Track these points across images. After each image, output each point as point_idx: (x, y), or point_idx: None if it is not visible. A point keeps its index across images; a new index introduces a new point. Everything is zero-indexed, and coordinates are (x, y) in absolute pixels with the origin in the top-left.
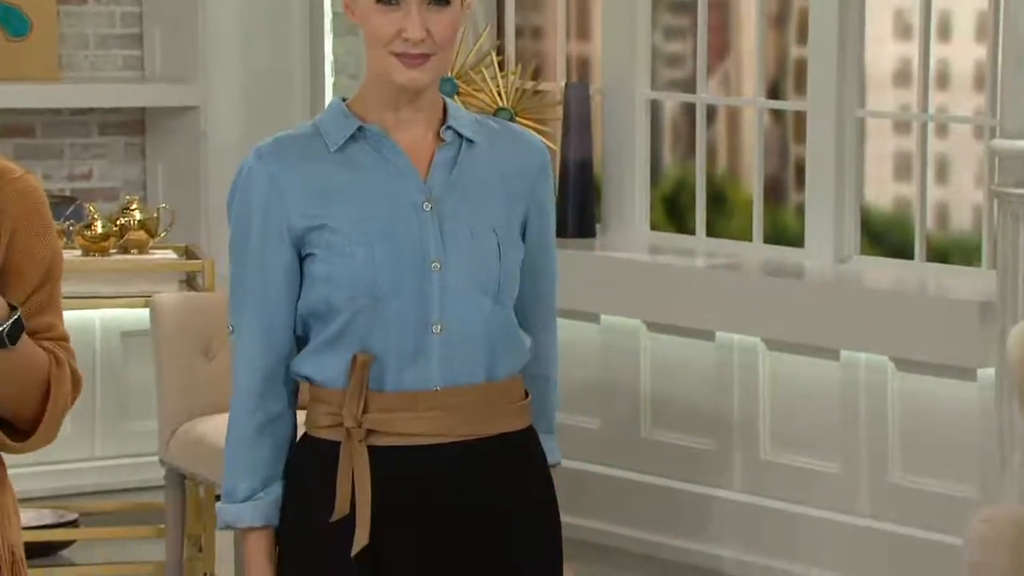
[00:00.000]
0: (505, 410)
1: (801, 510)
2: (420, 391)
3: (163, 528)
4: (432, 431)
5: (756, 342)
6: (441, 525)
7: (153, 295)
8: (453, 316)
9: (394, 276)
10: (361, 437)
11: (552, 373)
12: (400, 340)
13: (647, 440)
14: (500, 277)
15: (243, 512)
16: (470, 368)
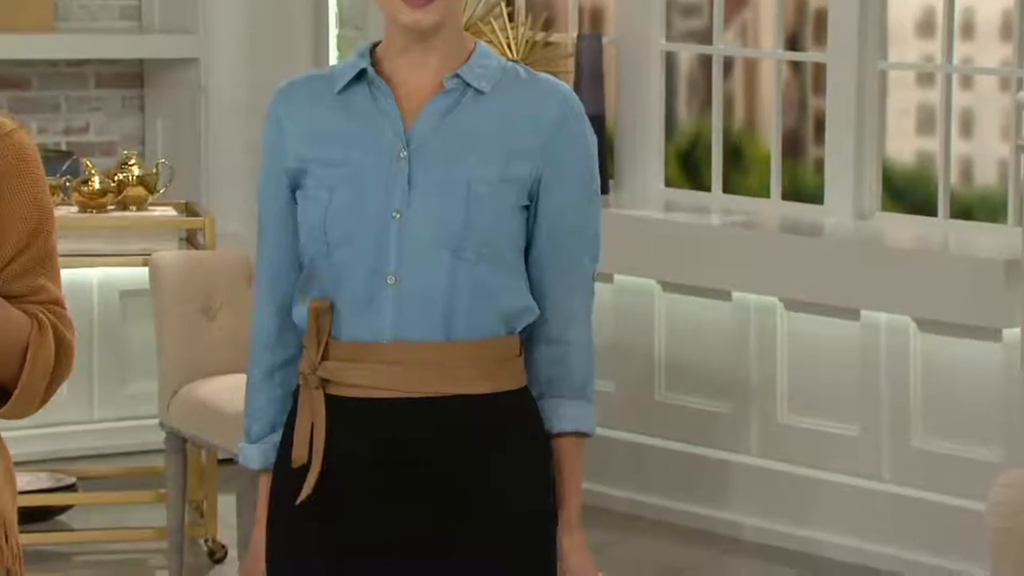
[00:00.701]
0: (467, 372)
1: (820, 475)
2: (371, 343)
3: (164, 493)
4: (380, 384)
5: (774, 302)
6: (390, 481)
7: (152, 253)
8: (409, 268)
9: (350, 223)
10: (316, 385)
11: (574, 336)
12: (353, 289)
13: (662, 404)
14: (465, 232)
15: (252, 453)
16: (425, 324)
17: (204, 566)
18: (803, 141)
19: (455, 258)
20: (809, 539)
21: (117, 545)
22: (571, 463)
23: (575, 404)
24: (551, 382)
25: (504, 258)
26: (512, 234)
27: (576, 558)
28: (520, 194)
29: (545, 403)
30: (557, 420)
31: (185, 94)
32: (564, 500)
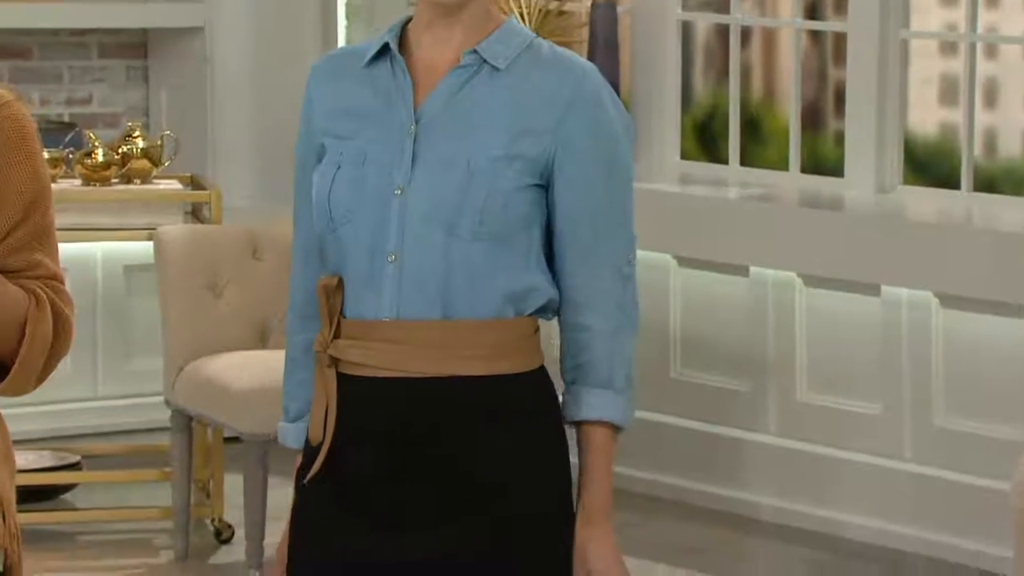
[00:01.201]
0: (468, 353)
1: (840, 454)
2: (373, 321)
3: (169, 472)
4: (380, 363)
5: (792, 277)
6: (394, 462)
7: (157, 227)
8: (408, 246)
9: (352, 200)
10: (328, 363)
11: (596, 322)
12: (357, 267)
13: (677, 381)
14: (460, 209)
15: (289, 433)
16: (424, 303)
17: (210, 546)
18: (823, 112)
19: (449, 236)
20: (829, 520)
21: (121, 525)
22: (593, 453)
23: (600, 393)
24: (577, 369)
25: (507, 238)
26: (519, 214)
27: (595, 549)
28: (527, 173)
29: (572, 390)
30: (581, 408)
31: (190, 64)
32: (588, 491)
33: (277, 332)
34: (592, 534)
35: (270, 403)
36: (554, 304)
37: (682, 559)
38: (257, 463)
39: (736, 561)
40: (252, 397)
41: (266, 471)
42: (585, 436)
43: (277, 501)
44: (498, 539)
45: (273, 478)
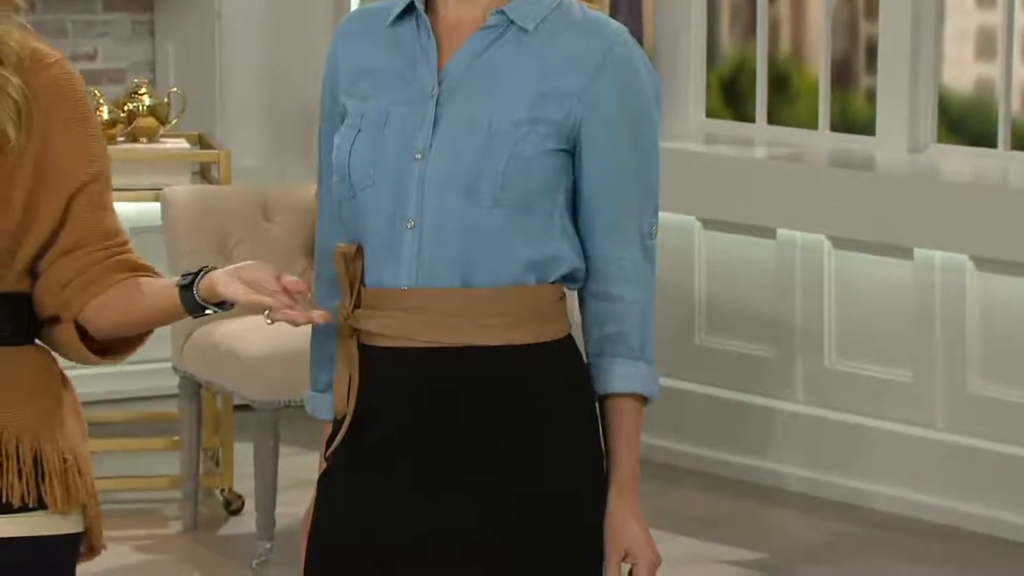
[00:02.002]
0: (490, 322)
1: (869, 423)
2: (392, 289)
3: (177, 440)
4: (399, 333)
5: (821, 240)
6: (415, 434)
7: (164, 188)
8: (428, 212)
9: (372, 164)
10: (349, 333)
11: (627, 293)
12: (376, 232)
13: (702, 347)
14: (479, 174)
15: (319, 404)
16: (443, 270)
17: (219, 517)
18: (853, 69)
19: (469, 202)
20: (858, 491)
21: (128, 494)
22: (625, 426)
23: (631, 364)
24: (605, 340)
25: (529, 204)
26: (542, 179)
27: (631, 527)
28: (552, 137)
29: (600, 362)
30: (612, 380)
31: (198, 18)
32: (615, 464)
33: None
34: (625, 510)
35: (281, 369)
36: (580, 273)
37: (704, 531)
38: (268, 431)
39: (761, 533)
40: (263, 363)
41: (277, 439)
42: (615, 409)
43: (288, 470)
44: (523, 515)
45: (284, 447)
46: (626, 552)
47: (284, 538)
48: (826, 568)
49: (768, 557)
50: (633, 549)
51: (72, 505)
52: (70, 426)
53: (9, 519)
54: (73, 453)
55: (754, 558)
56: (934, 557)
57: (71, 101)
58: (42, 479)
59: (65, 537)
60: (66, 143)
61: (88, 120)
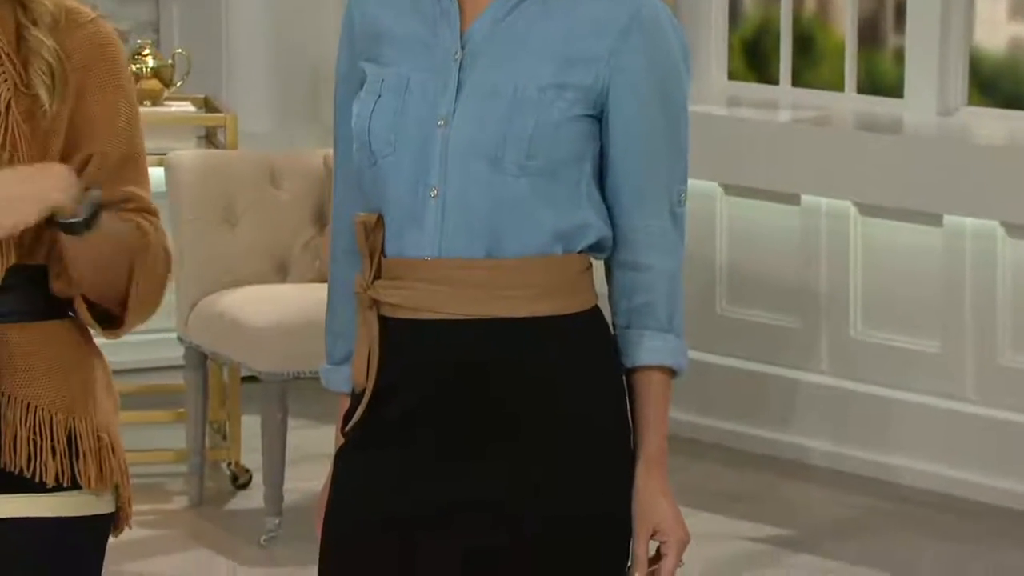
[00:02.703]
0: (516, 293)
1: (897, 395)
2: (415, 259)
3: (182, 413)
4: (421, 304)
5: (847, 206)
6: (438, 408)
7: (168, 153)
8: (452, 180)
9: (393, 131)
10: (369, 305)
11: (656, 262)
12: (397, 201)
13: (723, 317)
14: (505, 141)
15: (336, 376)
16: (468, 241)
17: (226, 492)
18: (881, 28)
19: (494, 170)
20: (884, 465)
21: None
22: (653, 400)
23: (662, 337)
24: (633, 312)
25: (557, 172)
26: (569, 146)
27: (661, 503)
28: (579, 103)
29: (628, 334)
30: (640, 353)
31: None
32: (643, 439)
33: (297, 265)
34: (653, 487)
35: (289, 340)
36: (607, 242)
37: (727, 506)
38: (276, 403)
39: (785, 509)
40: (270, 334)
41: (285, 412)
42: (643, 382)
43: (297, 444)
44: (548, 487)
45: (293, 420)
46: (655, 530)
47: (293, 513)
48: (852, 545)
49: (792, 533)
50: (662, 527)
51: (106, 485)
52: (104, 403)
53: (42, 498)
54: (107, 431)
55: (778, 534)
56: (964, 534)
57: (106, 62)
58: (76, 458)
59: (97, 518)
60: (97, 106)
61: (121, 83)
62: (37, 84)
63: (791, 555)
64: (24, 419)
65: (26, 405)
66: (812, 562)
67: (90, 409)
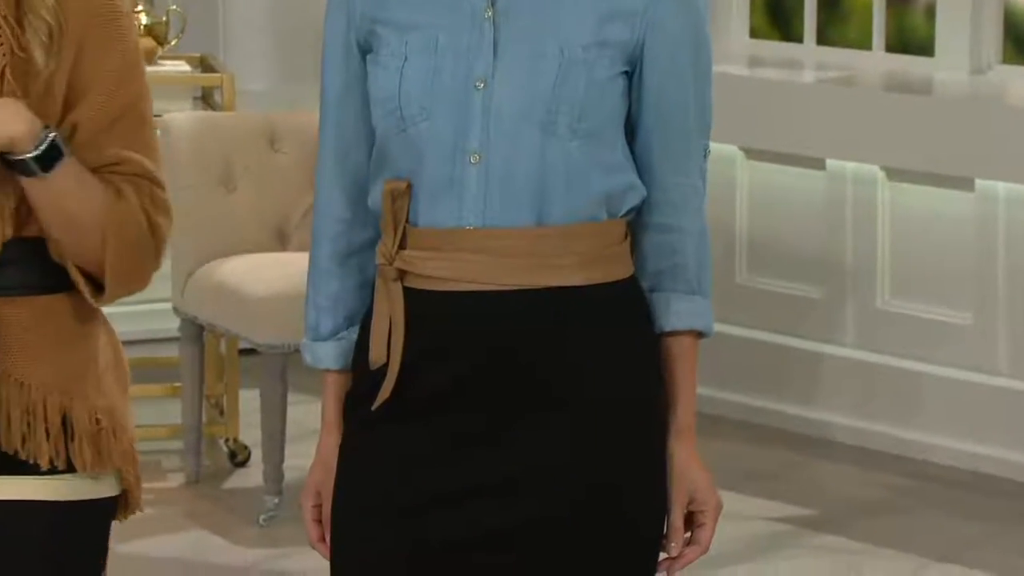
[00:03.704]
0: (562, 261)
1: (926, 369)
2: (453, 229)
3: (178, 387)
4: (463, 276)
5: (875, 171)
6: (475, 383)
7: (162, 114)
8: (496, 145)
9: (427, 94)
10: (394, 276)
11: (686, 223)
12: (433, 168)
13: (743, 287)
14: (553, 105)
15: (323, 352)
16: (514, 208)
17: (224, 470)
18: None
19: (545, 134)
20: (913, 442)
21: None
22: (684, 365)
23: (689, 299)
24: (662, 275)
25: (602, 133)
26: (612, 106)
27: (695, 470)
28: (618, 60)
29: (656, 298)
30: (669, 317)
31: None
32: (676, 406)
33: (298, 232)
34: (686, 455)
35: (290, 311)
36: (641, 203)
37: (747, 485)
38: (276, 377)
39: (808, 488)
40: (270, 304)
41: (286, 386)
42: (672, 347)
43: (297, 419)
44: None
45: (293, 394)
46: (690, 498)
47: (293, 492)
48: (878, 525)
49: (815, 513)
50: (697, 496)
51: (104, 468)
52: (108, 383)
53: (38, 481)
54: (109, 413)
55: (800, 514)
56: (996, 514)
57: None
58: (71, 440)
59: (97, 501)
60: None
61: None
62: (34, 45)
63: (814, 536)
64: (18, 399)
65: (20, 384)
66: (836, 543)
67: (89, 389)
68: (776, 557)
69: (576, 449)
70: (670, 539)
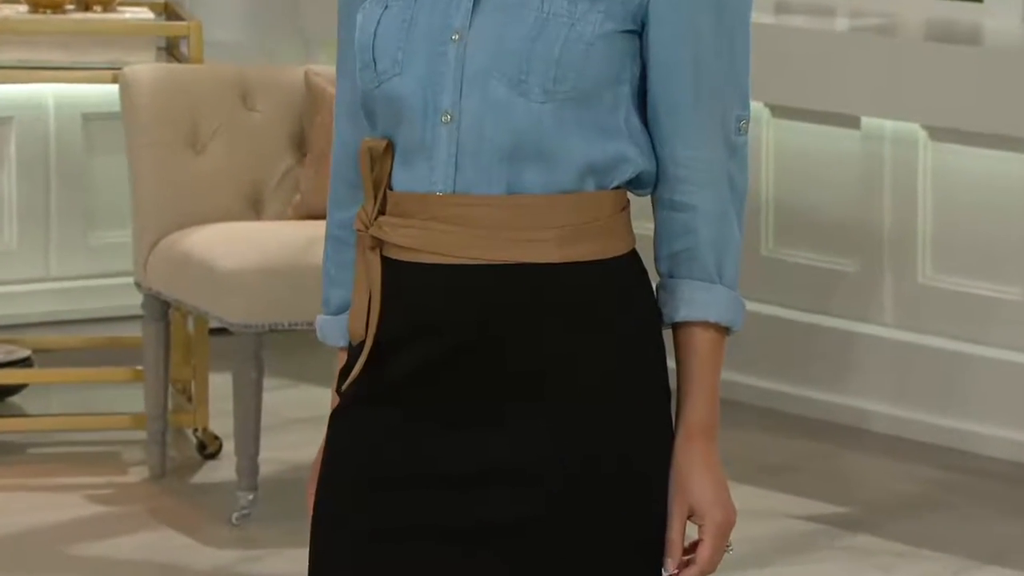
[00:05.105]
0: (540, 235)
1: (972, 350)
2: (424, 194)
3: (140, 371)
4: (431, 246)
5: (915, 130)
6: (446, 365)
7: (123, 67)
8: (467, 104)
9: (399, 47)
10: (370, 244)
11: (700, 201)
12: (407, 127)
13: (769, 260)
14: (529, 62)
15: (329, 328)
16: (485, 174)
17: (193, 462)
18: None
19: (516, 93)
20: (957, 431)
21: (82, 435)
22: (695, 360)
23: (706, 288)
24: (676, 258)
25: (588, 97)
26: (602, 67)
27: (697, 477)
28: (615, 17)
29: (669, 284)
30: (678, 305)
31: None
32: (684, 405)
33: (274, 199)
34: (692, 460)
35: (265, 286)
36: (648, 177)
37: (771, 480)
38: (249, 361)
39: (839, 483)
40: (243, 279)
41: (261, 370)
42: (685, 340)
43: (274, 408)
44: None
45: (269, 379)
46: (691, 510)
47: (269, 487)
48: (917, 524)
49: (847, 511)
50: (698, 507)
51: None
52: None
53: None
54: None
55: (831, 512)
56: None
57: None
58: None
59: None
60: None
61: None
62: None
63: (847, 536)
64: None
65: None
66: (871, 544)
67: None
68: (800, 561)
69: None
70: (666, 553)
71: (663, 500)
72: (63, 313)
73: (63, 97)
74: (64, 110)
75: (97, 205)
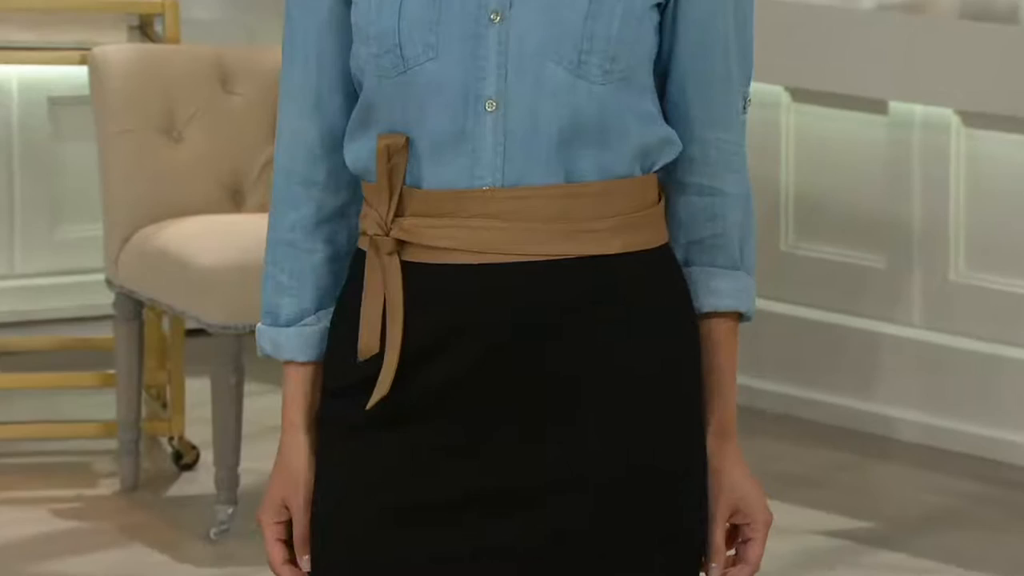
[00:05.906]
0: (596, 225)
1: (1007, 352)
2: (466, 190)
3: (112, 375)
4: (478, 245)
5: (947, 115)
6: (491, 373)
7: (93, 47)
8: (516, 90)
9: (432, 29)
10: (390, 249)
11: (728, 185)
12: (440, 118)
13: (789, 255)
14: (587, 42)
15: (285, 340)
16: (539, 163)
17: (168, 473)
18: None
19: (574, 76)
20: (991, 440)
21: (50, 445)
22: (726, 351)
23: (732, 276)
24: (700, 245)
25: (635, 75)
26: (646, 45)
27: (739, 473)
28: None
29: (692, 273)
30: (708, 296)
31: None
32: (716, 397)
33: (256, 190)
34: (733, 458)
35: (245, 285)
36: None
37: (791, 493)
38: (229, 364)
39: (863, 495)
40: (222, 276)
41: (241, 375)
42: (712, 331)
43: (255, 415)
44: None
45: (251, 384)
46: (735, 510)
47: (250, 500)
48: (948, 541)
49: (874, 526)
50: (743, 507)
51: None
52: None
53: None
54: None
55: (856, 527)
56: None
57: None
58: None
59: None
60: None
61: None
62: None
63: (872, 553)
64: None
65: None
66: (898, 561)
67: None
68: None
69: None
70: (711, 559)
71: (701, 501)
72: (28, 313)
73: (28, 80)
74: (29, 94)
75: (65, 196)
